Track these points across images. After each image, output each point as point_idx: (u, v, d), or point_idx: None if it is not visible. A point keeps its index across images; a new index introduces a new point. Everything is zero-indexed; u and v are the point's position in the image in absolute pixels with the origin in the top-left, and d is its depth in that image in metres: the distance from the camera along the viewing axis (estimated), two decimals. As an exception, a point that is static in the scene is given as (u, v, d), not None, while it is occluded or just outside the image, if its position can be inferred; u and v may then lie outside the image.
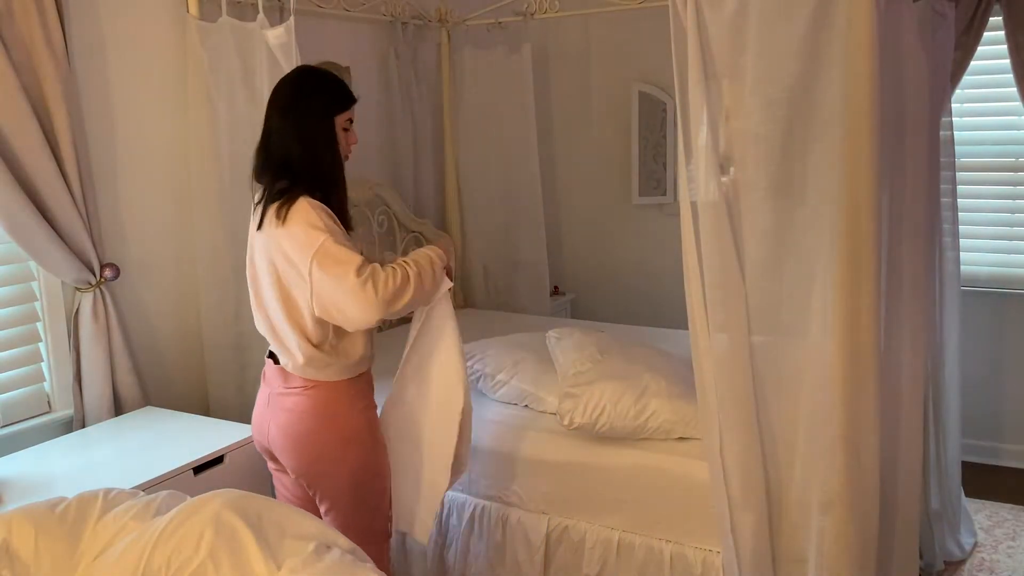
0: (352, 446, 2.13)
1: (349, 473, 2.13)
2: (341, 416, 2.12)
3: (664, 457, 2.37)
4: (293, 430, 2.11)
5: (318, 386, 2.09)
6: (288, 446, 2.12)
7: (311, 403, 2.09)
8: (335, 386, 2.11)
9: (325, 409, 2.10)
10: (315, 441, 2.10)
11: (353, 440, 2.13)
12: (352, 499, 2.15)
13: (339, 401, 2.11)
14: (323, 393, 2.09)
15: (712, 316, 2.13)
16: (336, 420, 2.11)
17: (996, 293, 3.69)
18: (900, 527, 2.42)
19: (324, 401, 2.10)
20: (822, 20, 1.94)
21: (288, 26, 2.62)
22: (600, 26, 4.15)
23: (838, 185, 1.98)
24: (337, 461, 2.12)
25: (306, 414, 2.10)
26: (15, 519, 1.66)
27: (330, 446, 2.11)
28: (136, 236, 2.76)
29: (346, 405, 2.12)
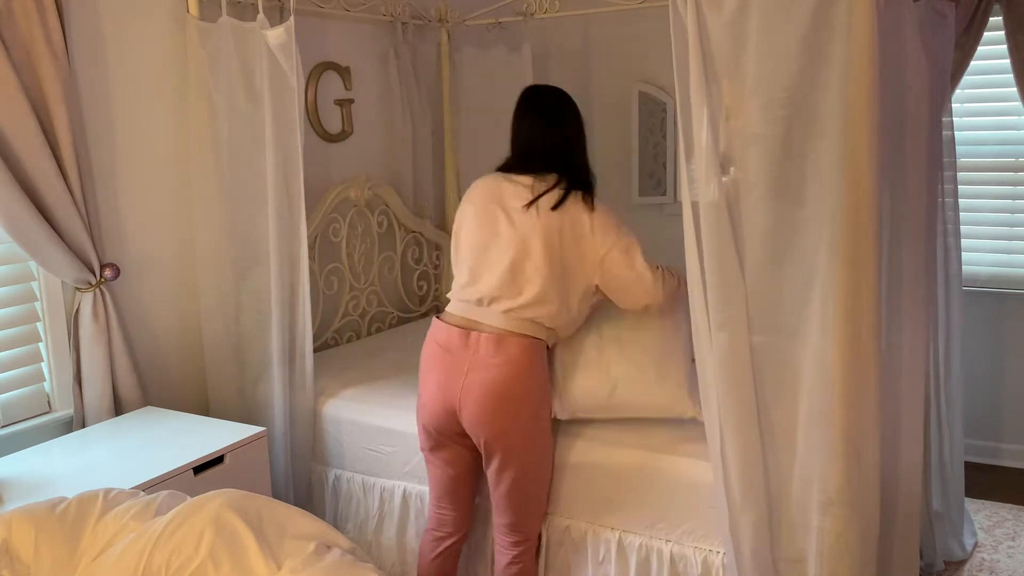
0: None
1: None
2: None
3: (664, 457, 2.37)
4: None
5: (534, 345, 2.33)
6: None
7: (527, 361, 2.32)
8: (542, 348, 2.37)
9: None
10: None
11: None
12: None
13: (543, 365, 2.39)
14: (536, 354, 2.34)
15: (713, 316, 2.13)
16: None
17: (996, 293, 3.69)
18: (900, 527, 2.42)
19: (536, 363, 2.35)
20: (822, 20, 1.94)
21: (288, 26, 2.62)
22: (600, 26, 4.15)
23: (838, 185, 1.98)
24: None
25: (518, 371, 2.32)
26: (15, 519, 1.66)
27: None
28: (136, 236, 2.76)
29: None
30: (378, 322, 3.67)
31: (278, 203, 2.75)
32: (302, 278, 2.80)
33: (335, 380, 2.97)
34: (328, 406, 2.87)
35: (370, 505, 2.81)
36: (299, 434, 2.86)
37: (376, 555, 2.80)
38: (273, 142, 2.72)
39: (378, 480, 2.79)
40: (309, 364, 2.84)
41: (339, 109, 3.51)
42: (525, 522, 2.42)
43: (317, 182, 3.23)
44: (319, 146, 3.40)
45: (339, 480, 2.88)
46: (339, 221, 3.39)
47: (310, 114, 3.36)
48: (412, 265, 3.84)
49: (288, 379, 2.83)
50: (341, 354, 3.29)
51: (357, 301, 3.53)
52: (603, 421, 2.54)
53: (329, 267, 3.38)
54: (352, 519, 2.86)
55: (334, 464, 2.89)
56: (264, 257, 2.81)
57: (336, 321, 3.44)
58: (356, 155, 3.58)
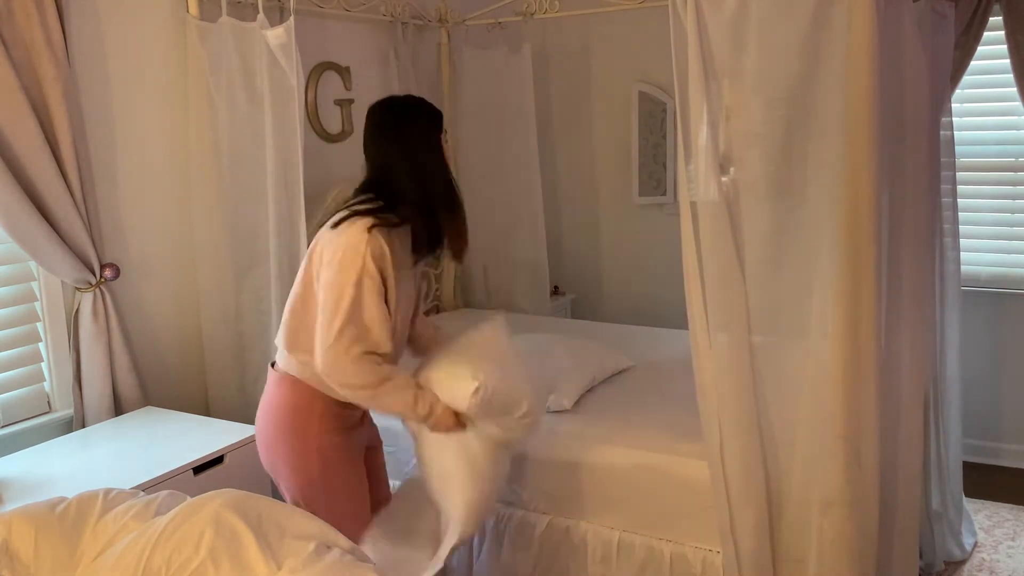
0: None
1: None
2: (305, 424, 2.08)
3: (664, 457, 2.37)
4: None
5: (287, 380, 2.11)
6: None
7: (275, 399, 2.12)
8: (301, 387, 2.08)
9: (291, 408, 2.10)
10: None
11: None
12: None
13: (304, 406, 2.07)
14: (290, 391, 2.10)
15: (712, 316, 2.13)
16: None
17: (996, 293, 3.69)
18: (900, 527, 2.42)
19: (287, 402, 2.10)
20: (822, 20, 1.94)
21: (288, 26, 2.62)
22: (600, 26, 4.15)
23: (838, 185, 1.98)
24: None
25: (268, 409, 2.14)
26: (15, 519, 1.66)
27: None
28: (136, 236, 2.76)
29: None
30: (378, 322, 3.66)
31: (278, 203, 2.75)
32: (302, 278, 2.80)
33: (335, 380, 2.96)
34: (328, 406, 2.87)
35: (370, 505, 2.81)
36: (299, 434, 2.86)
37: (376, 555, 2.79)
38: (273, 142, 2.72)
39: (378, 480, 2.79)
40: (309, 364, 2.83)
41: (339, 109, 3.51)
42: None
43: (317, 182, 3.23)
44: (319, 146, 3.40)
45: (339, 480, 2.88)
46: (339, 221, 3.38)
47: (310, 114, 3.36)
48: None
49: (288, 379, 2.82)
50: (341, 354, 3.28)
51: (357, 301, 3.52)
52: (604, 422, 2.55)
53: (329, 267, 3.37)
54: (352, 519, 2.86)
55: (334, 464, 2.89)
56: (264, 257, 2.81)
57: (336, 321, 3.43)
58: (356, 155, 3.55)
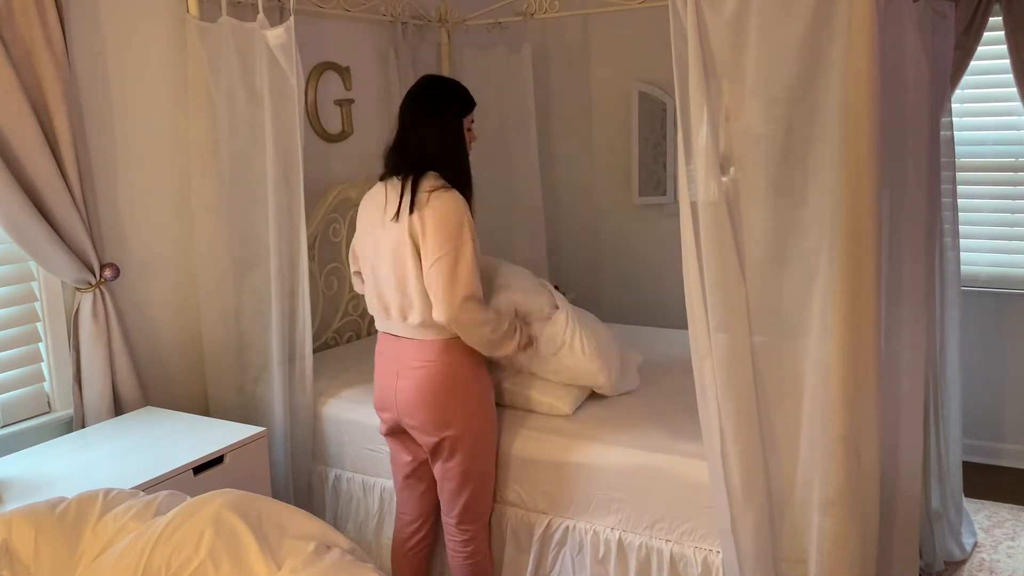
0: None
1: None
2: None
3: (664, 457, 2.37)
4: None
5: (452, 345, 2.35)
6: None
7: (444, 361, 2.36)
8: (463, 346, 2.36)
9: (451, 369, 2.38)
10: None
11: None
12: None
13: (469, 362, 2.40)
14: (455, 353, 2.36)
15: (712, 316, 2.13)
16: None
17: (996, 293, 3.69)
18: (900, 527, 2.42)
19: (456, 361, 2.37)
20: (822, 20, 1.94)
21: (288, 26, 2.62)
22: (600, 26, 4.15)
23: (838, 185, 1.98)
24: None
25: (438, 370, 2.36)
26: (15, 519, 1.66)
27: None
28: (136, 236, 2.76)
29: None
30: (378, 322, 3.67)
31: (278, 203, 2.75)
32: (302, 278, 2.80)
33: (335, 380, 2.97)
34: (328, 406, 2.87)
35: (370, 505, 2.81)
36: (299, 434, 2.86)
37: (376, 555, 2.80)
38: (273, 142, 2.72)
39: (378, 480, 2.79)
40: (309, 364, 2.84)
41: (339, 109, 3.51)
42: (471, 515, 2.48)
43: (317, 182, 3.23)
44: (319, 146, 3.40)
45: (339, 480, 2.88)
46: (339, 221, 3.39)
47: (310, 114, 3.36)
48: (412, 265, 3.84)
49: (288, 379, 2.83)
50: (341, 354, 3.29)
51: (357, 301, 3.52)
52: (604, 421, 2.55)
53: (329, 267, 3.38)
54: (352, 519, 2.86)
55: (334, 464, 2.89)
56: (264, 257, 2.81)
57: (336, 321, 3.44)
58: (356, 155, 3.58)
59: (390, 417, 2.47)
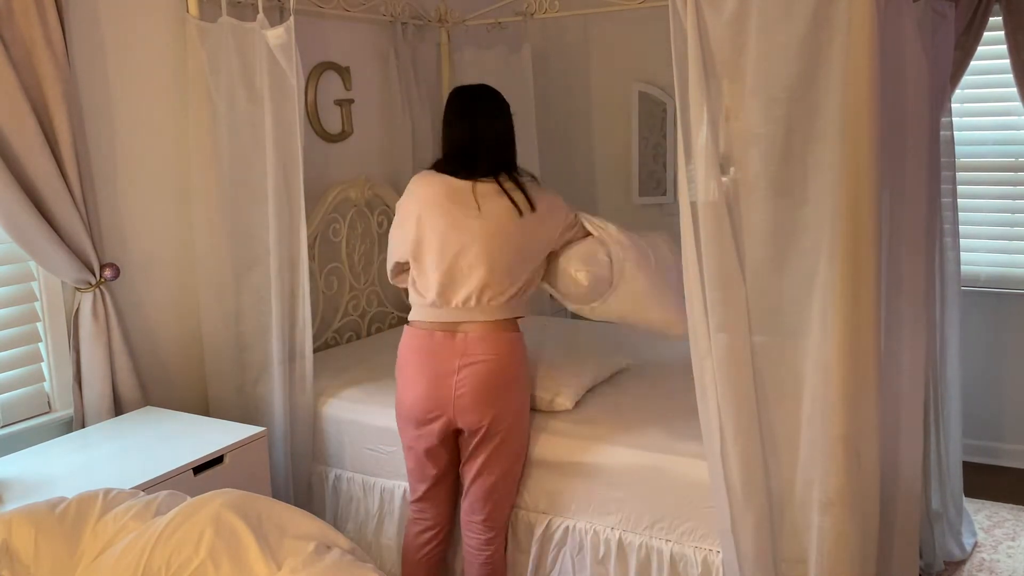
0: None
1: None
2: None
3: (664, 457, 2.37)
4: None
5: (516, 332, 2.46)
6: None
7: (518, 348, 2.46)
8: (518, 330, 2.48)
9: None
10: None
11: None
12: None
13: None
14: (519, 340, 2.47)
15: (712, 316, 2.13)
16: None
17: (996, 293, 3.69)
18: (900, 527, 2.42)
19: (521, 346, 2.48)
20: (822, 20, 1.94)
21: (288, 26, 2.62)
22: (600, 26, 4.15)
23: (838, 185, 1.98)
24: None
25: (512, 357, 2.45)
26: (15, 519, 1.66)
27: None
28: (136, 236, 2.76)
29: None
30: (378, 322, 3.67)
31: (278, 203, 2.75)
32: (302, 278, 2.80)
33: (335, 380, 2.97)
34: (328, 406, 2.87)
35: (370, 505, 2.81)
36: (299, 434, 2.86)
37: (376, 555, 2.80)
38: (273, 142, 2.72)
39: (378, 480, 2.79)
40: (309, 364, 2.84)
41: (339, 109, 3.51)
42: (499, 514, 2.50)
43: (317, 182, 3.23)
44: (319, 146, 3.40)
45: (339, 480, 2.88)
46: (339, 221, 3.39)
47: (310, 114, 3.36)
48: (412, 265, 3.84)
49: (288, 379, 2.83)
50: (341, 354, 3.29)
51: (357, 301, 3.53)
52: (604, 421, 2.55)
53: (329, 267, 3.38)
54: (352, 519, 2.86)
55: (334, 464, 2.89)
56: (264, 257, 2.81)
57: (336, 321, 3.44)
58: (356, 155, 3.58)
59: (441, 419, 2.42)
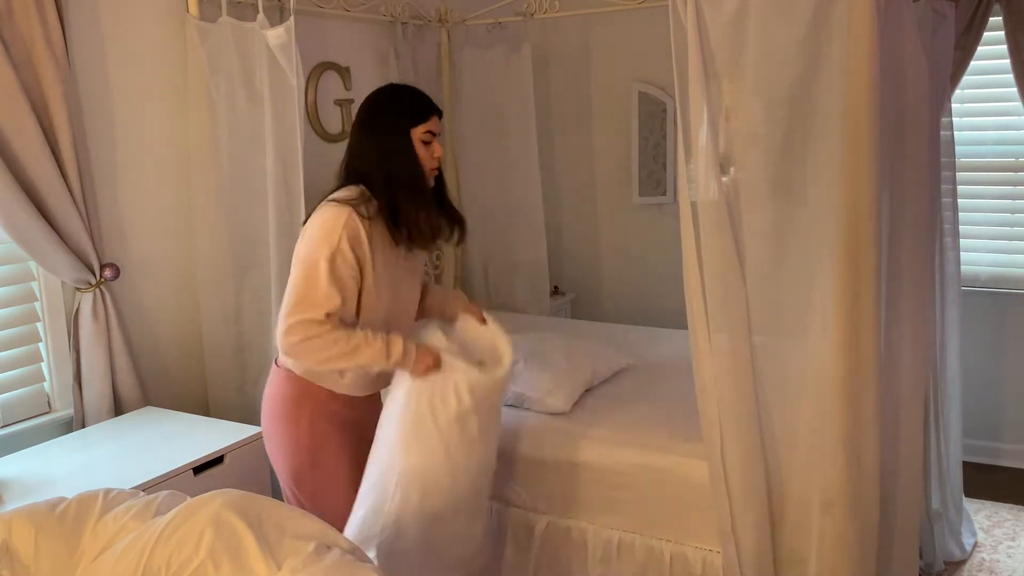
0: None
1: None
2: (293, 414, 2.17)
3: (664, 457, 2.37)
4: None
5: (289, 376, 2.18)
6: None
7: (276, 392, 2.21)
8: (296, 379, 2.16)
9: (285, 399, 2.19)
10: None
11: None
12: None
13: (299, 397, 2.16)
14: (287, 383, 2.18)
15: (712, 316, 2.13)
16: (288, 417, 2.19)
17: (996, 293, 3.69)
18: (900, 527, 2.42)
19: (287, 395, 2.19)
20: (822, 20, 1.94)
21: (288, 26, 2.62)
22: (600, 26, 4.15)
23: (838, 185, 1.98)
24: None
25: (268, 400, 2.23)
26: (15, 519, 1.66)
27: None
28: (136, 236, 2.76)
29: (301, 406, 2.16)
30: (378, 322, 3.66)
31: (278, 203, 2.75)
32: (302, 278, 2.80)
33: (335, 380, 2.96)
34: (328, 406, 2.87)
35: (370, 505, 2.81)
36: (299, 434, 2.86)
37: (376, 555, 2.79)
38: (273, 142, 2.72)
39: (378, 480, 2.79)
40: (309, 364, 2.83)
41: (339, 109, 3.51)
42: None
43: (317, 182, 3.22)
44: (319, 146, 3.40)
45: (339, 480, 2.88)
46: (339, 221, 3.39)
47: (310, 114, 3.36)
48: (412, 265, 3.84)
49: (288, 379, 2.82)
50: (341, 354, 3.28)
51: (357, 301, 3.52)
52: (604, 421, 2.55)
53: (329, 267, 3.37)
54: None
55: (334, 464, 2.89)
56: (264, 257, 2.81)
57: (336, 321, 3.44)
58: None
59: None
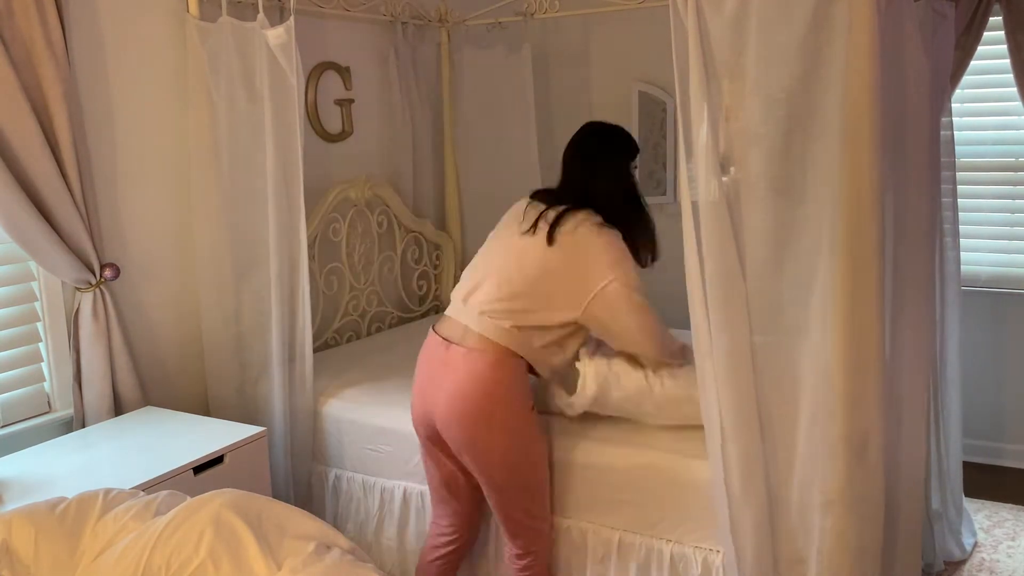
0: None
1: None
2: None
3: (664, 457, 2.37)
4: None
5: (503, 362, 2.27)
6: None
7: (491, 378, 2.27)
8: (518, 363, 2.29)
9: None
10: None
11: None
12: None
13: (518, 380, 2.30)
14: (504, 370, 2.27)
15: (713, 316, 2.13)
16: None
17: (996, 293, 3.69)
18: (903, 528, 2.42)
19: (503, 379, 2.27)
20: (822, 20, 1.94)
21: (288, 26, 2.62)
22: (600, 26, 4.15)
23: (839, 185, 1.98)
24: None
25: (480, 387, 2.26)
26: (15, 519, 1.66)
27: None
28: (136, 236, 2.76)
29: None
30: (378, 322, 3.67)
31: (278, 203, 2.75)
32: (302, 278, 2.80)
33: (335, 380, 2.97)
34: (328, 406, 2.87)
35: (370, 505, 2.81)
36: (299, 434, 2.86)
37: (376, 555, 2.80)
38: (273, 142, 2.72)
39: (378, 480, 2.79)
40: (309, 364, 2.84)
41: (339, 109, 3.51)
42: (523, 535, 2.39)
43: (317, 182, 3.23)
44: (319, 146, 3.40)
45: (339, 480, 2.88)
46: (339, 221, 3.39)
47: (310, 114, 3.36)
48: (412, 265, 3.84)
49: (288, 379, 2.83)
50: (341, 354, 3.29)
51: (357, 301, 3.53)
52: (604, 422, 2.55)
53: (329, 267, 3.38)
54: (352, 519, 2.86)
55: (334, 464, 2.89)
56: (264, 257, 2.81)
57: (336, 321, 3.44)
58: (356, 155, 3.58)
59: (427, 426, 2.38)
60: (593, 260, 2.29)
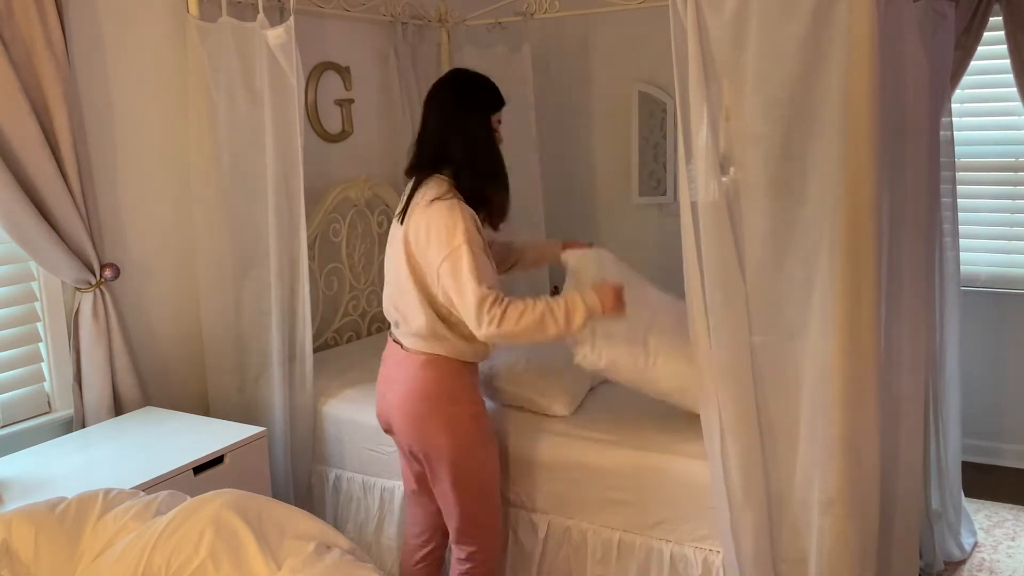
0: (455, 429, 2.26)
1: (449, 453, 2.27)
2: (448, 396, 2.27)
3: (664, 457, 2.37)
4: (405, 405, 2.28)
5: (433, 361, 2.24)
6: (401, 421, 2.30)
7: (423, 378, 2.25)
8: (448, 363, 2.26)
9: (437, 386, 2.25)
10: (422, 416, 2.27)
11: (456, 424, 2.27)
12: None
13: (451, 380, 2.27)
14: (435, 370, 2.25)
15: (712, 316, 2.13)
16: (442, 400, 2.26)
17: (996, 293, 3.69)
18: (900, 527, 2.42)
19: (435, 378, 2.25)
20: (822, 20, 1.94)
21: (288, 26, 2.62)
22: (600, 26, 4.15)
23: (838, 185, 1.98)
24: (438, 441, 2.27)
25: (416, 388, 2.26)
26: (15, 519, 1.66)
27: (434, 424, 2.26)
28: (136, 236, 2.76)
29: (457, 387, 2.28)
30: (378, 322, 3.67)
31: (278, 203, 2.75)
32: (302, 278, 2.80)
33: (335, 380, 2.97)
34: (328, 406, 2.88)
35: (370, 505, 2.82)
36: (299, 434, 2.86)
37: (376, 555, 2.80)
38: (273, 142, 2.72)
39: (378, 480, 2.79)
40: (309, 364, 2.84)
41: (339, 109, 3.51)
42: (466, 540, 2.36)
43: (317, 182, 3.23)
44: (319, 146, 3.40)
45: (339, 480, 2.88)
46: (339, 221, 3.39)
47: (310, 114, 3.36)
48: (412, 265, 3.84)
49: (288, 379, 2.83)
50: (341, 354, 3.29)
51: (357, 301, 3.53)
52: (605, 422, 2.55)
53: (329, 267, 3.38)
54: (352, 519, 2.86)
55: (334, 464, 2.89)
56: (264, 257, 2.81)
57: (336, 321, 3.44)
58: (356, 155, 3.58)
59: (387, 427, 2.42)
60: (423, 233, 2.16)
